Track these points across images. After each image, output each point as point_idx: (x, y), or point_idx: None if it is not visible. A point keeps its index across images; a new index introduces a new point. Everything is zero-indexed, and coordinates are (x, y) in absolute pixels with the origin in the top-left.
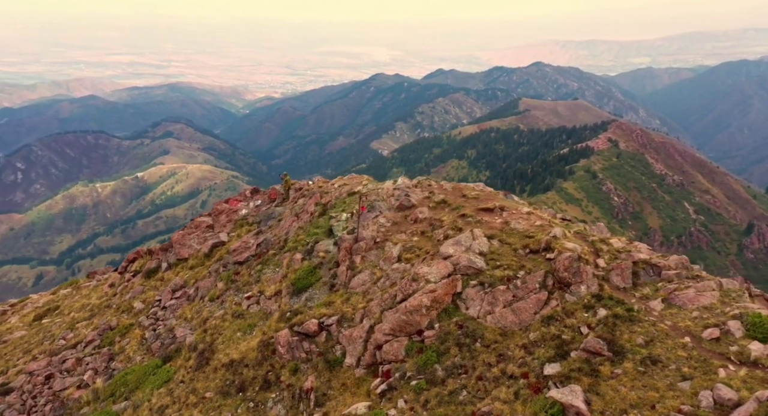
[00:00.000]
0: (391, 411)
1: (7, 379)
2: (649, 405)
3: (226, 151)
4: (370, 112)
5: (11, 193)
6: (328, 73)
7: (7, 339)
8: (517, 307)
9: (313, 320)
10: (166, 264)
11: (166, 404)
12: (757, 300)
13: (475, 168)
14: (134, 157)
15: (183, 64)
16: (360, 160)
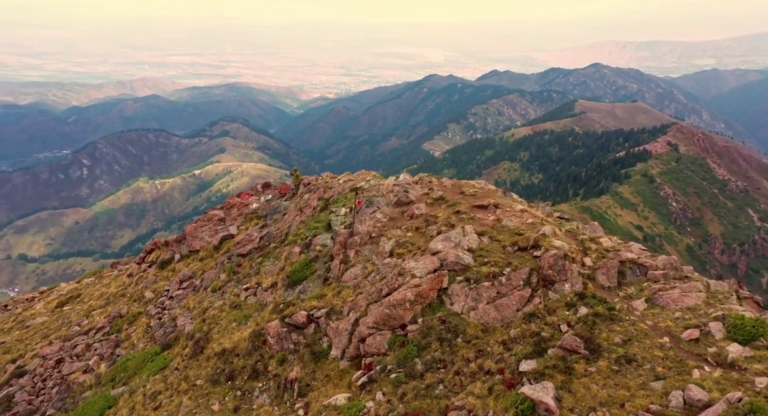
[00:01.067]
0: (369, 404)
1: (23, 362)
2: (618, 404)
3: (280, 151)
4: (422, 113)
5: (77, 188)
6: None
7: (30, 324)
8: (500, 304)
9: (303, 312)
10: (179, 255)
11: (159, 390)
12: (745, 302)
13: (527, 170)
14: (192, 155)
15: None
16: (411, 160)
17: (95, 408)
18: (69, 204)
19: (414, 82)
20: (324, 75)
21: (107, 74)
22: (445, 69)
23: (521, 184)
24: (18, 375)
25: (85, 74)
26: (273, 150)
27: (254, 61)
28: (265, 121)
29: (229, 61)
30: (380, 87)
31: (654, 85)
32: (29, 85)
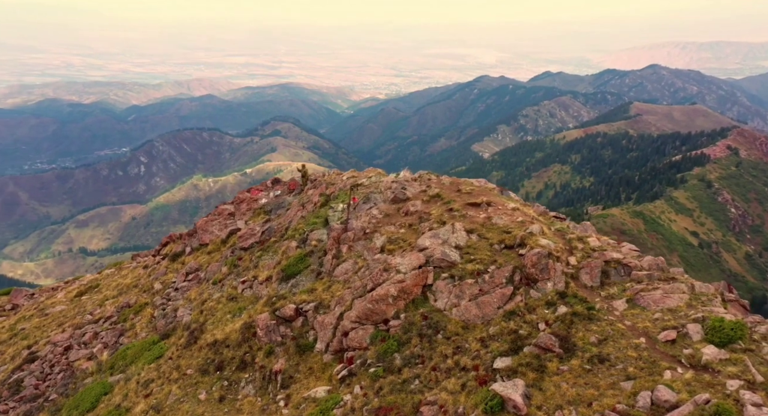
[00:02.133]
0: (347, 397)
1: (37, 349)
2: (586, 403)
3: (330, 150)
4: (472, 114)
5: (135, 185)
6: (433, 74)
7: (49, 312)
8: (482, 301)
9: (291, 305)
10: (190, 248)
11: (152, 378)
12: (731, 305)
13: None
14: (244, 153)
15: (294, 65)
16: (460, 162)
17: (93, 394)
18: (127, 200)
19: (464, 83)
20: (375, 75)
21: (166, 74)
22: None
23: (571, 187)
24: (30, 360)
25: (145, 74)
26: (323, 149)
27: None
28: (315, 121)
29: (282, 61)
30: (430, 88)
31: (715, 87)
32: (93, 85)
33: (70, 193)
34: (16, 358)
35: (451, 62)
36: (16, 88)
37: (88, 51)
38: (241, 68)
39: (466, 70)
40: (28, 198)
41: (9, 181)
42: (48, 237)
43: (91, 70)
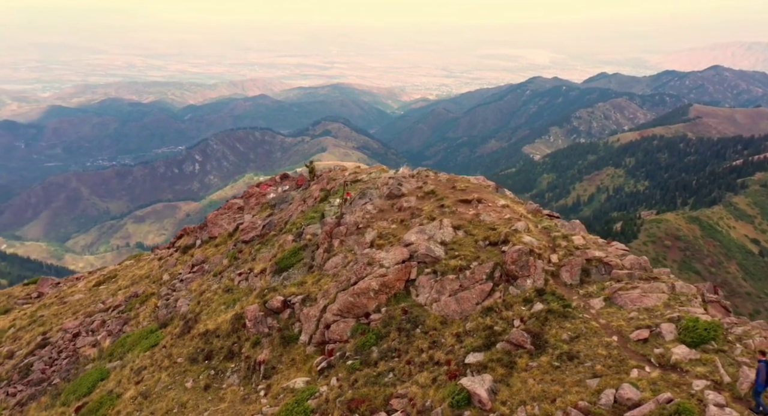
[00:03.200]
0: (323, 388)
1: (50, 335)
2: (549, 399)
3: (379, 151)
4: (524, 116)
5: (189, 182)
6: (485, 75)
7: (68, 300)
8: (461, 297)
9: (279, 297)
10: (200, 241)
11: (145, 366)
12: (711, 306)
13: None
14: (295, 153)
15: (345, 65)
16: (510, 163)
17: (90, 379)
18: (182, 197)
19: (516, 84)
20: (426, 76)
21: (221, 75)
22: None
23: (625, 191)
24: (42, 346)
25: (202, 74)
26: (372, 150)
27: (358, 62)
28: (365, 121)
29: (333, 62)
30: (482, 89)
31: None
32: (152, 85)
33: (129, 189)
34: (31, 344)
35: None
36: (81, 88)
37: (148, 52)
38: (293, 69)
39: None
40: (89, 193)
41: (72, 177)
42: (107, 232)
43: (151, 70)
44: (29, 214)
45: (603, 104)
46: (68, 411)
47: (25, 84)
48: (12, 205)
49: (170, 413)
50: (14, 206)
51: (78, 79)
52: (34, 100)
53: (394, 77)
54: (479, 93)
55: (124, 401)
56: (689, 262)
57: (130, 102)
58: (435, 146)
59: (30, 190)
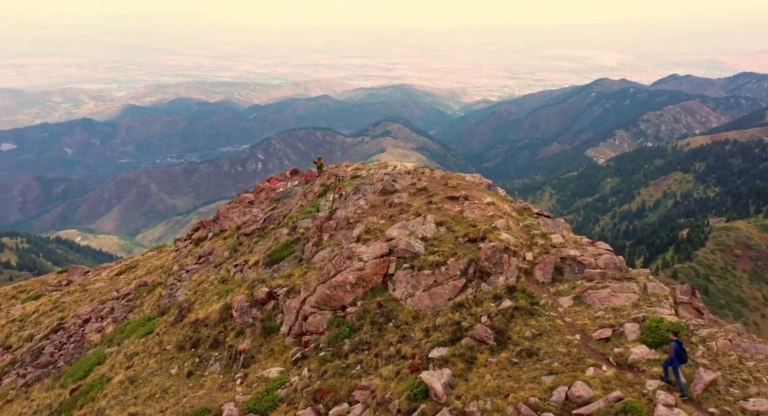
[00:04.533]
0: (294, 378)
1: (66, 320)
2: (503, 395)
3: (438, 152)
4: (588, 119)
5: (252, 180)
6: (548, 77)
7: (89, 288)
8: (434, 292)
9: (264, 289)
10: (211, 234)
11: (137, 352)
12: (682, 307)
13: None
14: (355, 153)
15: (407, 66)
16: (572, 167)
17: (89, 363)
18: None
19: (581, 86)
20: (488, 78)
21: (286, 75)
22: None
23: (694, 197)
24: (56, 330)
25: (267, 75)
26: (431, 151)
27: (420, 63)
28: (426, 123)
29: (395, 63)
30: (545, 91)
31: None
32: (219, 85)
33: (195, 186)
34: (47, 328)
35: (568, 64)
36: (153, 88)
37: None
38: (356, 69)
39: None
40: (158, 190)
41: (143, 174)
42: (174, 228)
43: (219, 71)
44: (102, 209)
45: (673, 107)
46: (64, 392)
47: (103, 84)
48: (87, 200)
49: (152, 398)
50: (89, 200)
51: (150, 79)
52: (110, 100)
53: (456, 78)
54: (542, 95)
55: (112, 385)
56: (760, 272)
57: (198, 101)
58: (495, 148)
59: (104, 185)
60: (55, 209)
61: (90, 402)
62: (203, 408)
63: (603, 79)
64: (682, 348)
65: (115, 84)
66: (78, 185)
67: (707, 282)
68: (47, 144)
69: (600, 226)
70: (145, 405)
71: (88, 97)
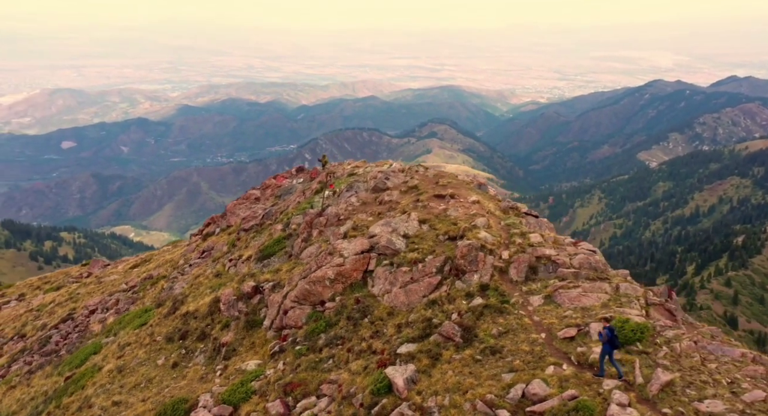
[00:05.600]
0: (269, 371)
1: (75, 311)
2: (462, 391)
3: (485, 154)
4: (641, 121)
5: None
6: (600, 78)
7: (103, 280)
8: (410, 289)
9: (251, 283)
10: (219, 229)
11: (130, 342)
12: (653, 308)
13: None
14: (400, 154)
15: (455, 67)
16: (623, 170)
17: (85, 352)
18: None
19: (635, 88)
20: (537, 79)
21: (333, 76)
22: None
23: (751, 203)
24: (65, 320)
25: (315, 76)
26: (478, 153)
27: (468, 64)
28: (472, 124)
29: (443, 64)
30: (596, 92)
31: None
32: (269, 86)
33: (243, 185)
34: (59, 318)
35: (621, 65)
36: (205, 88)
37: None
38: (403, 70)
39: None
40: (207, 188)
41: (194, 172)
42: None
43: (269, 71)
44: (155, 206)
45: (731, 110)
46: (60, 380)
47: (157, 84)
48: (141, 197)
49: (137, 387)
50: (143, 198)
51: (203, 80)
52: (164, 100)
53: (504, 80)
54: (593, 97)
55: (102, 374)
56: None
57: (248, 102)
58: (543, 150)
59: (156, 183)
60: (110, 205)
61: (79, 390)
62: (181, 398)
63: (657, 80)
64: (614, 335)
65: (170, 84)
66: (132, 183)
67: (763, 291)
68: (104, 142)
69: (651, 231)
70: (129, 394)
71: (144, 97)
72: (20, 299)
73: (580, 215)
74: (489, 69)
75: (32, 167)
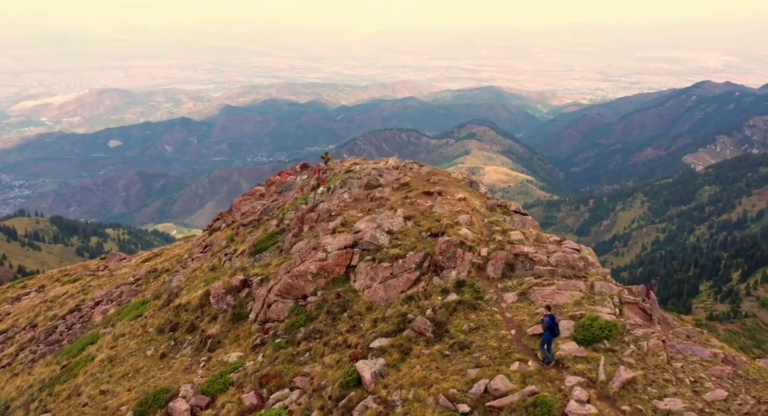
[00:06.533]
0: (249, 363)
1: (83, 302)
2: (427, 385)
3: (524, 155)
4: (687, 123)
5: None
6: (645, 79)
7: (115, 273)
8: (389, 284)
9: (239, 277)
10: (224, 224)
11: (124, 333)
12: (627, 307)
13: None
14: (438, 155)
15: (495, 68)
16: (667, 173)
17: (83, 342)
18: None
19: (681, 89)
20: (580, 80)
21: (373, 77)
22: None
23: None
24: (72, 311)
25: (355, 76)
26: (517, 154)
27: (508, 65)
28: (512, 125)
29: (484, 65)
30: (641, 93)
31: None
32: (309, 86)
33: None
34: (68, 309)
35: (667, 66)
36: (247, 89)
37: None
38: (443, 71)
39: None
40: (248, 187)
41: (234, 172)
42: None
43: (309, 72)
44: (197, 204)
45: None
46: (57, 369)
47: (201, 84)
48: (183, 195)
49: (125, 376)
50: (185, 196)
51: (245, 81)
52: (207, 100)
53: (546, 81)
54: (638, 98)
55: (94, 363)
56: None
57: (288, 102)
58: (585, 152)
59: (198, 182)
60: (154, 203)
61: (71, 379)
62: (164, 388)
63: (705, 81)
64: (555, 323)
65: (213, 85)
66: (175, 181)
67: None
68: (149, 141)
69: (695, 236)
70: (116, 384)
71: (188, 97)
72: (39, 290)
73: (621, 218)
74: (530, 70)
75: (81, 165)
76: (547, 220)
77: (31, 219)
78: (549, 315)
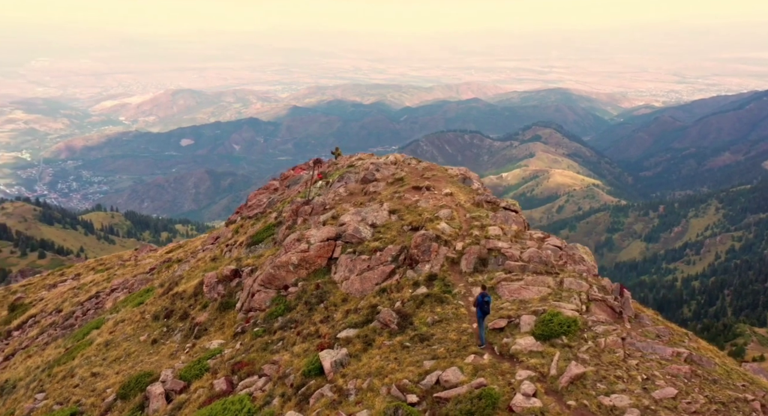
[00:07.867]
0: (227, 350)
1: (104, 289)
2: (383, 375)
3: (591, 159)
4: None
5: None
6: (724, 81)
7: (140, 263)
8: (365, 276)
9: (230, 267)
10: (240, 218)
11: (124, 319)
12: (595, 304)
13: None
14: (502, 157)
15: (564, 69)
16: (745, 179)
17: (89, 327)
18: None
19: (763, 91)
20: (653, 82)
21: (438, 78)
22: None
23: None
24: (92, 297)
25: (420, 78)
26: (584, 158)
27: (578, 66)
28: (580, 128)
29: (552, 66)
30: (719, 96)
31: None
32: (373, 87)
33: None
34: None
35: (748, 67)
36: (313, 89)
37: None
38: (510, 72)
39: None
40: None
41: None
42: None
43: (374, 73)
44: None
45: None
46: (62, 351)
47: (269, 85)
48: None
49: (117, 360)
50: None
51: (312, 81)
52: (274, 100)
53: (617, 82)
54: (715, 100)
55: (92, 347)
56: None
57: (353, 103)
58: (656, 156)
59: (264, 181)
60: (221, 201)
61: (69, 361)
62: (147, 372)
63: None
64: (484, 301)
65: (280, 86)
66: (242, 180)
67: None
68: (219, 141)
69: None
70: (108, 367)
71: (256, 98)
72: (75, 278)
73: (693, 225)
74: (601, 71)
75: (154, 163)
76: (614, 226)
77: (107, 213)
78: (482, 293)
